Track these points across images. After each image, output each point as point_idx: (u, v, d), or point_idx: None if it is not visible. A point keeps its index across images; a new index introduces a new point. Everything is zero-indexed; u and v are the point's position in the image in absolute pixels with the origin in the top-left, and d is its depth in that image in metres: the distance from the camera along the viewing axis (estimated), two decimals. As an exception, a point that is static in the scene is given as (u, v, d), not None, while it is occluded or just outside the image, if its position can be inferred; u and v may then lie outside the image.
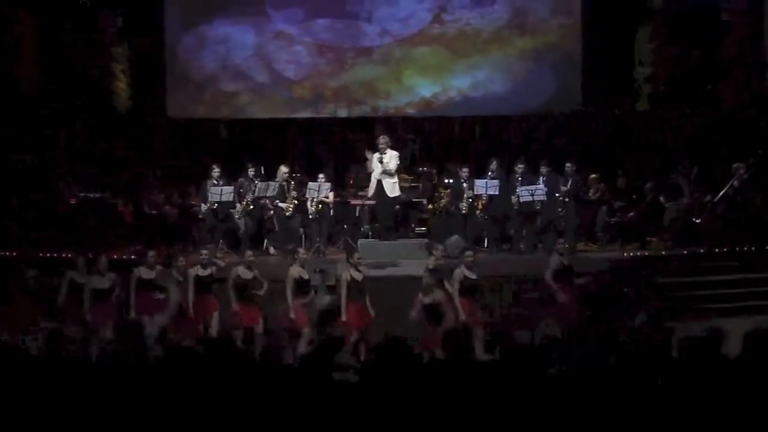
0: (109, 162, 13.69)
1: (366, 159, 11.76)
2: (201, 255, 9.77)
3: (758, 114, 13.64)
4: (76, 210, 12.62)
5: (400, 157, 11.96)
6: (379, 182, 11.57)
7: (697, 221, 12.23)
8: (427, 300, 8.88)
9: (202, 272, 9.50)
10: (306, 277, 9.45)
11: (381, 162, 11.52)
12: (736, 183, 12.10)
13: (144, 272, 9.50)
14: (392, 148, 11.81)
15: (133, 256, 11.07)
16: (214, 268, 9.65)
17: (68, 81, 13.90)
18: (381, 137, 11.92)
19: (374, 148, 11.95)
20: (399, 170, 11.91)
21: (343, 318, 9.07)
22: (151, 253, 9.73)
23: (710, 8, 14.15)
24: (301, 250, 9.95)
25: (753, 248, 11.45)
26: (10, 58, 13.59)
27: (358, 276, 9.26)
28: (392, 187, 11.64)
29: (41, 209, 12.46)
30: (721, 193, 12.20)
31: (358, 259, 9.53)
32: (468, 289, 9.17)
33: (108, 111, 14.45)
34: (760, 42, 14.02)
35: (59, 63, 13.94)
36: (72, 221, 12.27)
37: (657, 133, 14.43)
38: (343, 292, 9.16)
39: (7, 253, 11.45)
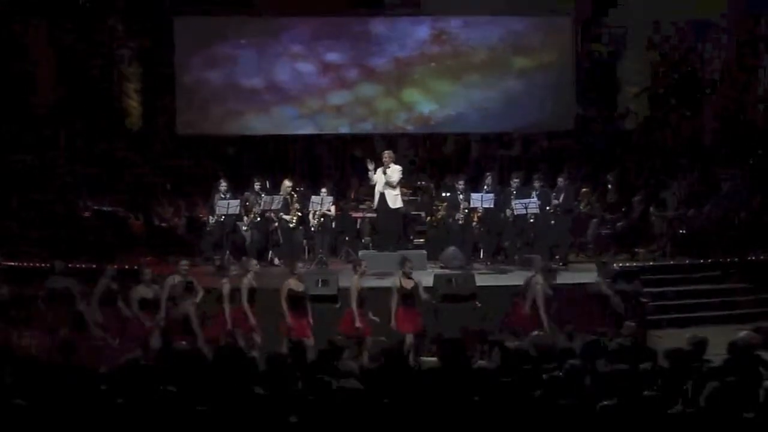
0: (116, 171, 13.69)
1: (368, 170, 11.74)
2: (252, 266, 9.56)
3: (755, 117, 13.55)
4: (89, 222, 12.63)
5: (402, 172, 11.99)
6: (382, 195, 11.61)
7: (683, 232, 12.27)
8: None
9: (254, 284, 9.34)
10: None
11: (384, 174, 11.57)
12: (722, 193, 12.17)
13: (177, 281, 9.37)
14: (395, 163, 11.85)
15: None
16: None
17: (83, 99, 13.96)
18: (385, 152, 11.94)
19: (378, 162, 11.95)
20: (400, 183, 11.94)
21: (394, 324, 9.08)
22: (184, 262, 9.59)
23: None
24: (364, 263, 9.67)
25: (736, 259, 11.45)
26: (29, 80, 13.62)
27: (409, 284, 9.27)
28: (394, 200, 11.69)
29: (55, 221, 12.47)
30: (706, 207, 12.23)
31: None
32: (545, 302, 9.20)
33: (120, 128, 14.50)
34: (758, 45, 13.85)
35: (75, 82, 13.98)
36: (86, 233, 12.31)
37: (645, 149, 14.45)
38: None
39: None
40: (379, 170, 11.70)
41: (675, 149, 14.08)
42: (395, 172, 11.64)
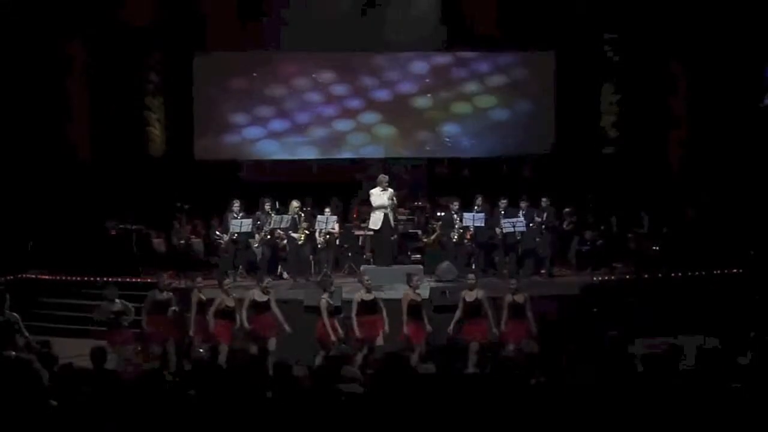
0: (140, 193, 13.74)
1: (369, 195, 11.79)
2: (365, 279, 9.43)
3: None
4: (116, 240, 12.68)
5: (397, 194, 12.04)
6: (386, 215, 11.63)
7: (656, 248, 12.30)
8: None
9: (367, 297, 9.26)
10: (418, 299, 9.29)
11: (384, 194, 11.61)
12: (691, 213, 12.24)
13: (258, 295, 9.25)
14: (391, 186, 11.89)
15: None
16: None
17: (111, 129, 14.07)
18: (381, 176, 11.96)
19: (375, 186, 11.98)
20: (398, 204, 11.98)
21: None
22: (268, 279, 9.53)
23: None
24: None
25: (704, 273, 11.47)
26: (64, 118, 13.72)
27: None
28: (394, 219, 11.77)
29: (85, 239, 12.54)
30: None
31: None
32: None
33: (144, 153, 14.59)
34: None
35: (105, 114, 14.08)
36: (113, 250, 12.38)
37: (622, 171, 14.47)
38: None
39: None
40: (377, 191, 11.74)
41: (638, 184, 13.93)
42: (393, 195, 11.70)
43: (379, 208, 11.64)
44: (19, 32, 12.90)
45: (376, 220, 11.74)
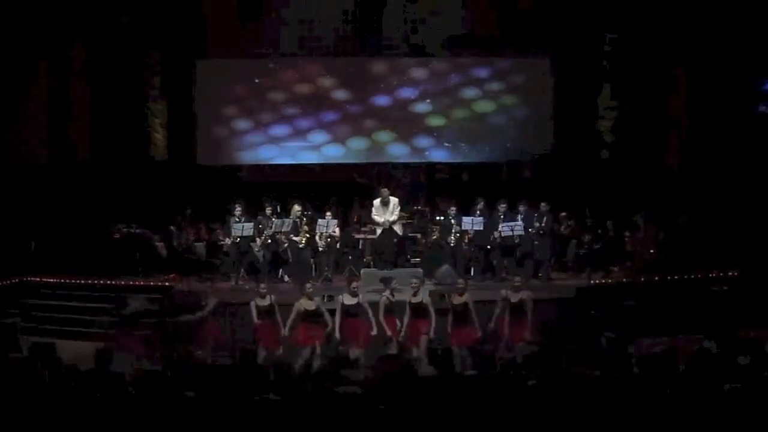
0: (143, 197, 13.71)
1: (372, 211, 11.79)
2: (413, 281, 9.46)
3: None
4: (119, 243, 12.65)
5: (400, 201, 12.05)
6: (390, 225, 11.63)
7: (652, 252, 12.28)
8: None
9: (415, 299, 9.25)
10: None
11: (385, 207, 11.59)
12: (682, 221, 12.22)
13: (347, 299, 9.22)
14: (392, 195, 11.90)
15: (167, 283, 11.12)
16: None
17: (114, 134, 14.05)
18: (382, 190, 11.97)
19: (376, 197, 11.99)
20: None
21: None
22: (354, 284, 9.48)
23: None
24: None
25: (699, 276, 11.44)
26: (66, 123, 13.68)
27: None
28: (398, 228, 11.82)
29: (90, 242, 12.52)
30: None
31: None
32: None
33: (147, 158, 14.57)
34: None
35: (106, 117, 14.06)
36: (116, 253, 12.35)
37: (619, 175, 14.44)
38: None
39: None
40: (377, 203, 11.74)
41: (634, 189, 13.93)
42: (395, 206, 11.70)
43: (378, 223, 11.66)
44: (21, 33, 12.88)
45: (380, 230, 11.77)
